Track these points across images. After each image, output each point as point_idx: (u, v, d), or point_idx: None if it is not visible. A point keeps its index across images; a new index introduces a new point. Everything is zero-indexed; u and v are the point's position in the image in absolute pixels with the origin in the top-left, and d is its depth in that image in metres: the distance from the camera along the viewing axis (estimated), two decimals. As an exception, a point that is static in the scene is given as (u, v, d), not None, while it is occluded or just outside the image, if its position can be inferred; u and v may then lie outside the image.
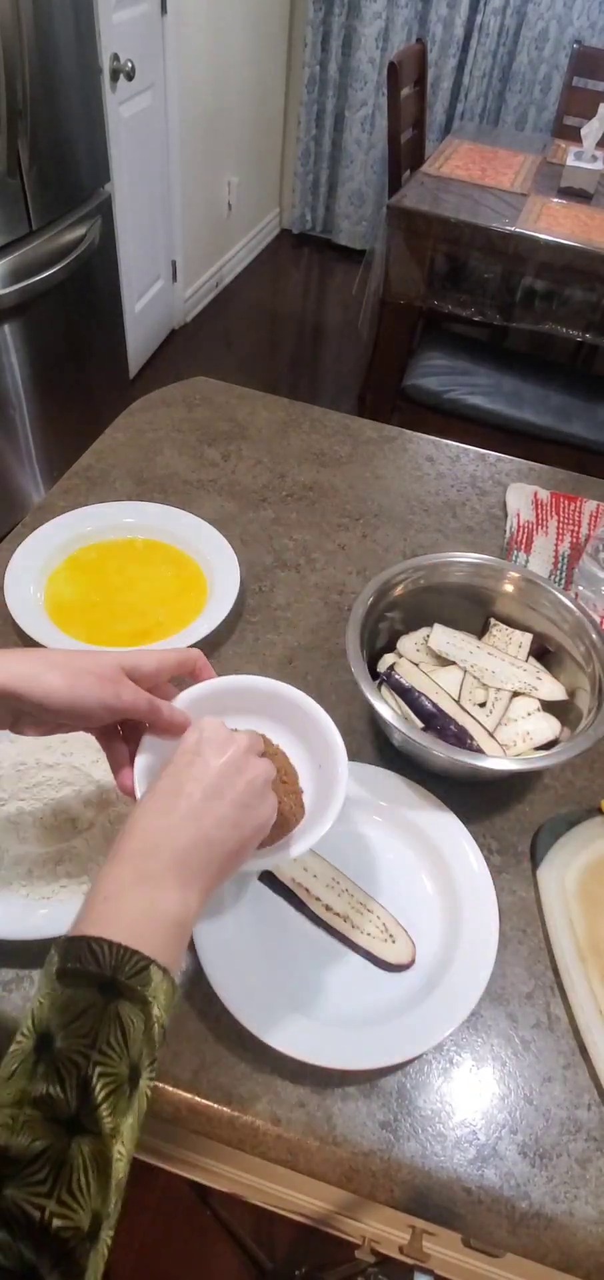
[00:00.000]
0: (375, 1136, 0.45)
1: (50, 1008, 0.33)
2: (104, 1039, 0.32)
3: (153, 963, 0.35)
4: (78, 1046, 0.32)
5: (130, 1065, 0.33)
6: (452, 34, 3.06)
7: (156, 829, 0.40)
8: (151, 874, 0.38)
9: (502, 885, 0.57)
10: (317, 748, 0.51)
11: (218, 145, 2.90)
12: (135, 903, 0.37)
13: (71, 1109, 0.31)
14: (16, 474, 1.83)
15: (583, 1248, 0.43)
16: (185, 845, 0.39)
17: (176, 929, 0.38)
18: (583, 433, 1.72)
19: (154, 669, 0.47)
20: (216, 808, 0.41)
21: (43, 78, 1.53)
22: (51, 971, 0.35)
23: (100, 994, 0.33)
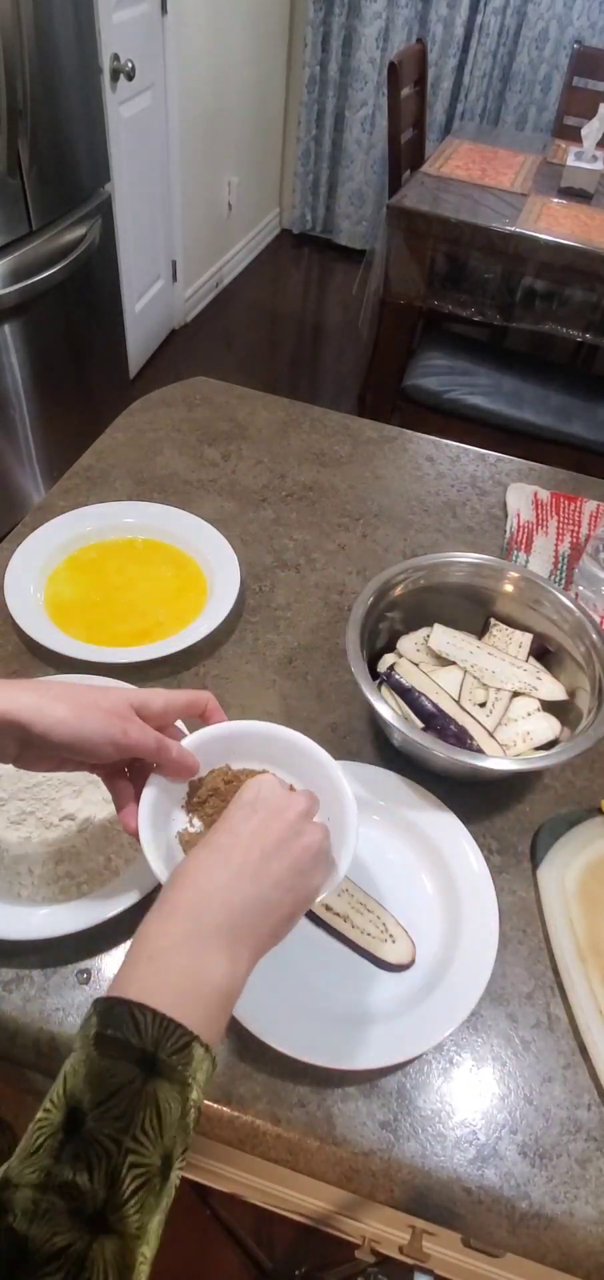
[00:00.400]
0: (375, 1136, 0.45)
1: (85, 1079, 0.31)
2: (138, 1124, 0.30)
3: (196, 1039, 0.33)
4: (110, 1130, 0.30)
5: (163, 1155, 0.31)
6: (452, 34, 3.06)
7: (211, 882, 0.38)
8: (202, 933, 0.36)
9: (502, 885, 0.57)
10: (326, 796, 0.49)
11: (218, 145, 2.90)
12: (183, 966, 0.35)
13: (98, 1203, 0.29)
14: (16, 474, 1.83)
15: (583, 1248, 0.43)
16: (240, 904, 0.38)
17: (222, 999, 0.36)
18: (583, 433, 1.72)
19: (162, 707, 0.46)
20: (274, 869, 0.39)
21: (43, 78, 1.53)
22: (89, 1035, 0.33)
23: (139, 1070, 0.31)
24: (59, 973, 0.50)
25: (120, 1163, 0.29)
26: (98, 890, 0.52)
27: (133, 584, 0.76)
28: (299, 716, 0.67)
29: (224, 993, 0.36)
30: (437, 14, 3.05)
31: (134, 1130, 0.30)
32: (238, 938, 0.37)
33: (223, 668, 0.70)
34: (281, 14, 3.21)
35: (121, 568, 0.77)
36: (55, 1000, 0.48)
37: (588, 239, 1.68)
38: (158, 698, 0.46)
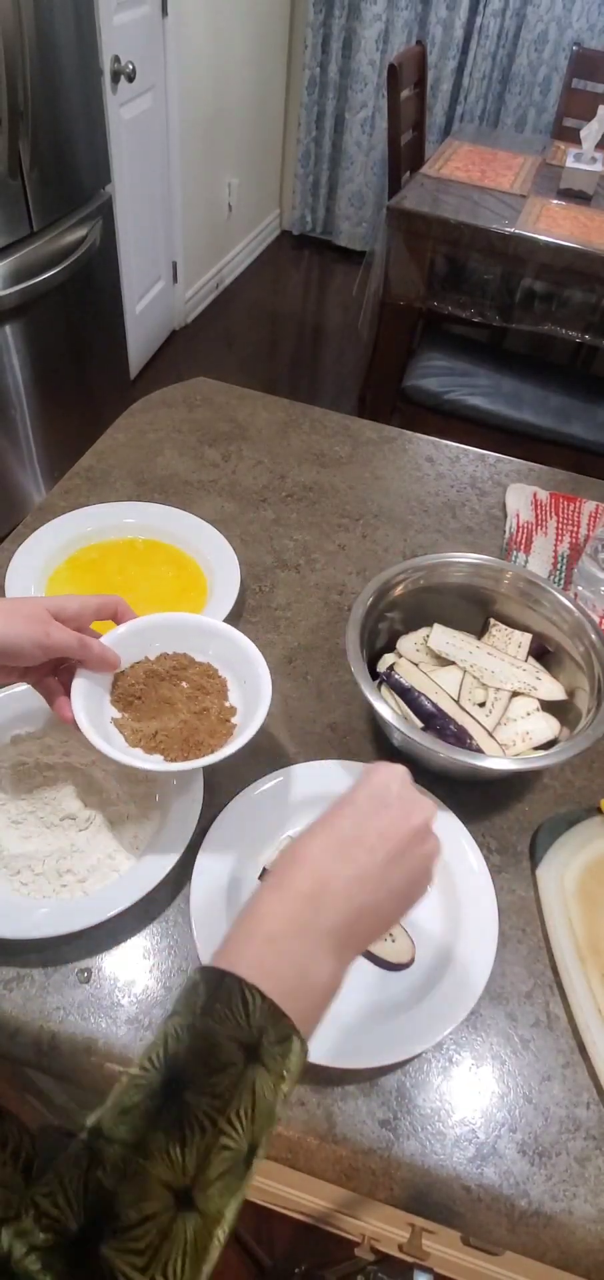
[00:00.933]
0: (375, 1135, 0.45)
1: (188, 1048, 0.31)
2: (235, 1108, 0.30)
3: (296, 1034, 0.33)
4: (208, 1108, 0.30)
5: (250, 1143, 0.31)
6: (451, 36, 3.07)
7: (332, 875, 0.37)
8: (318, 929, 0.36)
9: (501, 884, 0.57)
10: (239, 666, 0.57)
11: (218, 147, 2.90)
12: (296, 957, 0.35)
13: (187, 1179, 0.29)
14: (17, 474, 1.83)
15: (582, 1246, 0.43)
16: (357, 910, 0.37)
17: (323, 1001, 0.36)
18: (582, 433, 1.72)
19: (77, 610, 0.51)
20: (393, 876, 0.38)
21: (44, 79, 1.53)
22: (197, 1005, 0.33)
23: (242, 1053, 0.31)
24: (60, 971, 0.50)
25: (213, 1143, 0.30)
26: (98, 889, 0.52)
27: (133, 584, 0.76)
28: (299, 716, 0.67)
29: (326, 995, 0.36)
30: (436, 16, 3.06)
31: (230, 1113, 0.30)
32: (347, 943, 0.37)
33: (223, 668, 0.70)
34: (282, 16, 3.22)
35: (122, 568, 0.78)
36: (56, 999, 0.49)
37: (587, 240, 1.69)
38: (72, 602, 0.50)
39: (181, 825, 0.55)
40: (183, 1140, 0.29)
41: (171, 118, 2.48)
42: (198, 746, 0.52)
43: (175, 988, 0.50)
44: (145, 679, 0.56)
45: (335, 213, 3.67)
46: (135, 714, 0.54)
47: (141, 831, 0.55)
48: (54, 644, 0.48)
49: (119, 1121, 0.30)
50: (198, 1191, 0.29)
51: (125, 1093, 0.31)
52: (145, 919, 0.52)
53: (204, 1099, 0.30)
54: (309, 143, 3.51)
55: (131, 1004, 0.49)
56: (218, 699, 0.56)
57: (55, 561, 0.77)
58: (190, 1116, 0.30)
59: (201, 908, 0.51)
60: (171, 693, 0.56)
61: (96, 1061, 0.47)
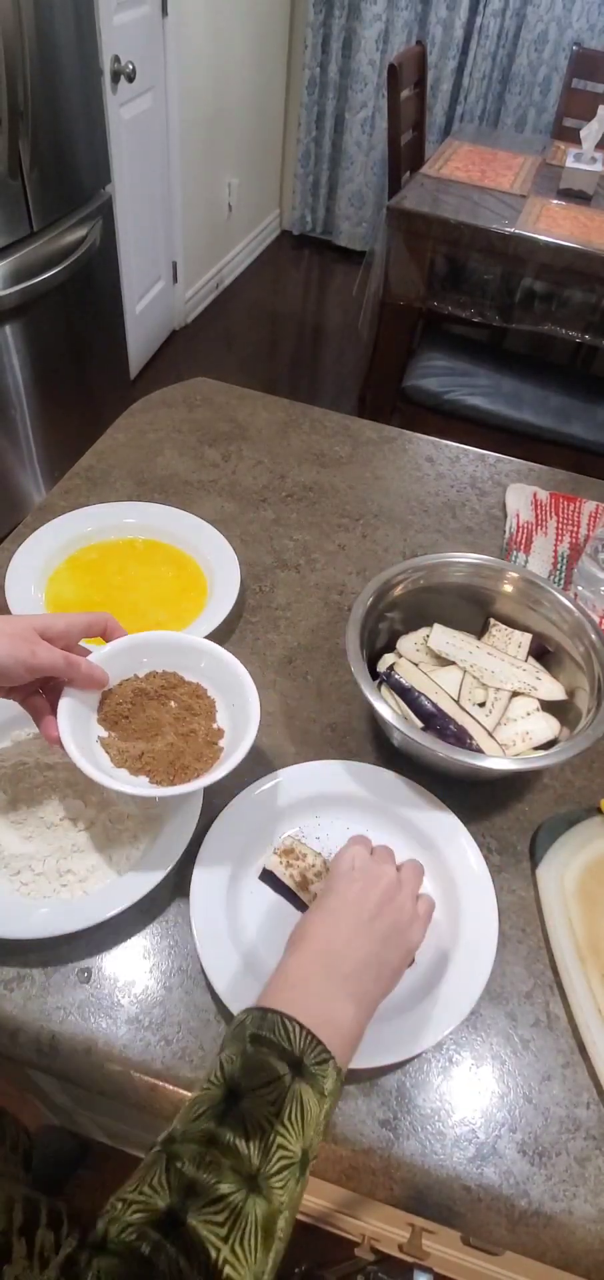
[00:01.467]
0: (375, 1135, 0.45)
1: (241, 1068, 0.36)
2: (287, 1113, 0.35)
3: (333, 1059, 0.38)
4: (264, 1112, 0.35)
5: (303, 1148, 0.35)
6: (451, 36, 3.07)
7: (336, 938, 0.44)
8: (335, 974, 0.41)
9: (501, 884, 0.57)
10: (228, 687, 0.57)
11: (218, 147, 2.90)
12: (321, 996, 0.40)
13: (253, 1167, 0.33)
14: (17, 474, 1.83)
15: (582, 1246, 0.43)
16: (363, 958, 0.43)
17: (349, 1040, 0.40)
18: (582, 433, 1.72)
19: (64, 629, 0.50)
20: (379, 928, 0.45)
21: (44, 79, 1.53)
22: (245, 1035, 0.37)
23: (289, 1069, 0.36)
24: (60, 971, 0.50)
25: (272, 1140, 0.34)
26: (98, 889, 0.52)
27: (133, 584, 0.76)
28: (299, 716, 0.67)
29: (351, 1037, 0.41)
30: (436, 16, 3.06)
31: (283, 1117, 0.35)
32: (362, 987, 0.42)
33: (223, 668, 0.70)
34: (282, 16, 3.22)
35: (122, 568, 0.78)
36: (56, 999, 0.49)
37: (587, 240, 1.69)
38: (59, 620, 0.50)
39: (182, 825, 0.55)
40: (247, 1135, 0.34)
41: (171, 118, 2.48)
42: (184, 770, 0.51)
43: (176, 987, 0.50)
44: (133, 698, 0.55)
45: (335, 213, 3.67)
46: (122, 733, 0.53)
47: (142, 832, 0.55)
48: (40, 663, 0.47)
49: (189, 1128, 0.34)
50: (263, 1180, 0.33)
51: (191, 1108, 0.35)
52: (145, 919, 0.52)
53: (260, 1105, 0.35)
54: (309, 143, 3.51)
55: (132, 1004, 0.49)
56: (206, 720, 0.55)
57: (55, 561, 0.77)
58: (251, 1118, 0.34)
59: (202, 907, 0.51)
60: (159, 712, 0.54)
61: (96, 1061, 0.47)
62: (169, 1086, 0.46)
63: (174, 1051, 0.47)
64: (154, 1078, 0.46)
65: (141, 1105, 0.47)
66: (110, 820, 0.56)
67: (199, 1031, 0.48)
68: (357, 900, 0.46)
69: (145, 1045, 0.47)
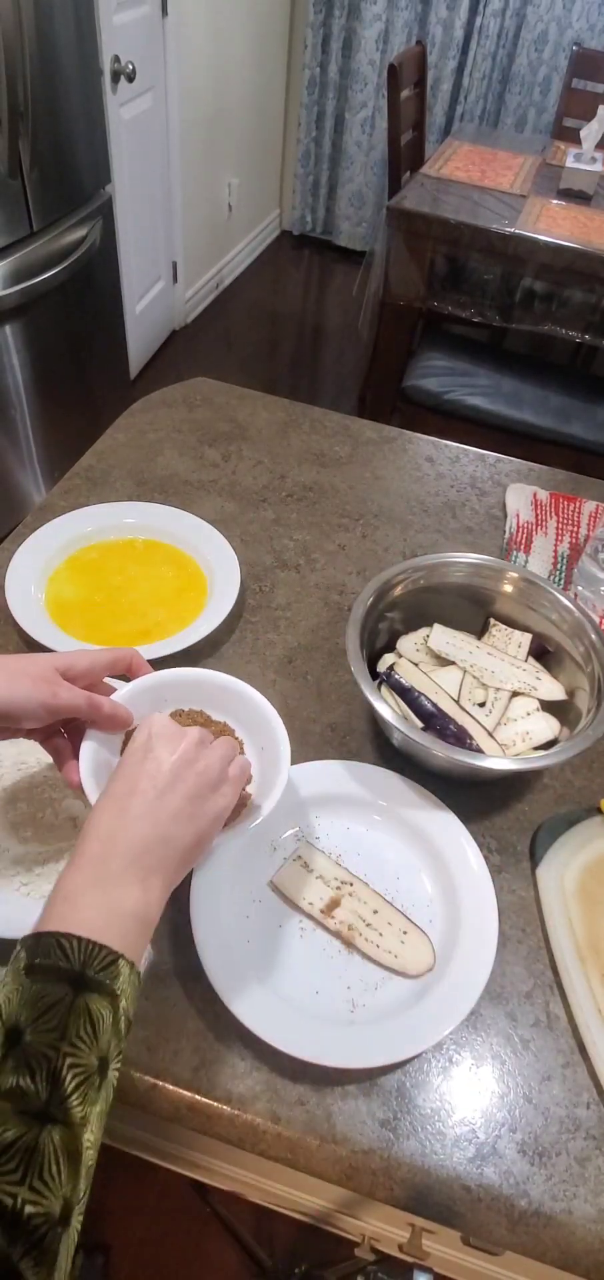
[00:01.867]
0: (375, 1135, 0.45)
1: (19, 1003, 0.34)
2: (74, 1032, 0.33)
3: (121, 957, 0.36)
4: (47, 1040, 0.33)
5: (99, 1056, 0.34)
6: (451, 36, 3.07)
7: (113, 829, 0.41)
8: (110, 875, 0.39)
9: (501, 884, 0.57)
10: (257, 729, 0.54)
11: (218, 147, 2.90)
12: (97, 901, 0.38)
13: (42, 1100, 0.31)
14: (17, 474, 1.83)
15: (582, 1246, 0.43)
16: (141, 843, 0.40)
17: (138, 924, 0.39)
18: (582, 433, 1.72)
19: (87, 667, 0.49)
20: (170, 802, 0.42)
21: (44, 79, 1.53)
22: (20, 967, 0.35)
23: (70, 988, 0.34)
24: (60, 971, 0.50)
25: (59, 1065, 0.32)
26: (98, 889, 0.52)
27: (133, 584, 0.76)
28: (299, 716, 0.67)
29: (139, 917, 0.39)
30: (436, 16, 3.06)
31: (70, 1037, 0.33)
32: (145, 873, 0.40)
33: (223, 667, 0.70)
34: (282, 16, 3.22)
35: (122, 568, 0.78)
36: (56, 999, 0.49)
37: (587, 240, 1.69)
38: (82, 658, 0.49)
39: (181, 825, 0.55)
40: (30, 1072, 0.32)
41: (171, 118, 2.48)
42: None
43: (176, 988, 0.50)
44: None
45: (335, 213, 3.68)
46: None
47: (141, 831, 0.55)
48: (62, 705, 0.46)
49: None
50: (55, 1107, 0.32)
51: None
52: (145, 919, 0.52)
53: (42, 1035, 0.33)
54: (309, 143, 3.51)
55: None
56: None
57: (55, 561, 0.77)
58: (33, 1052, 0.32)
59: (202, 908, 0.51)
60: None
61: (96, 1061, 0.47)
62: (169, 1086, 0.46)
63: (174, 1051, 0.47)
64: (154, 1077, 0.46)
65: (141, 1105, 0.47)
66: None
67: (199, 1031, 0.48)
68: (146, 776, 0.42)
69: (145, 1045, 0.47)
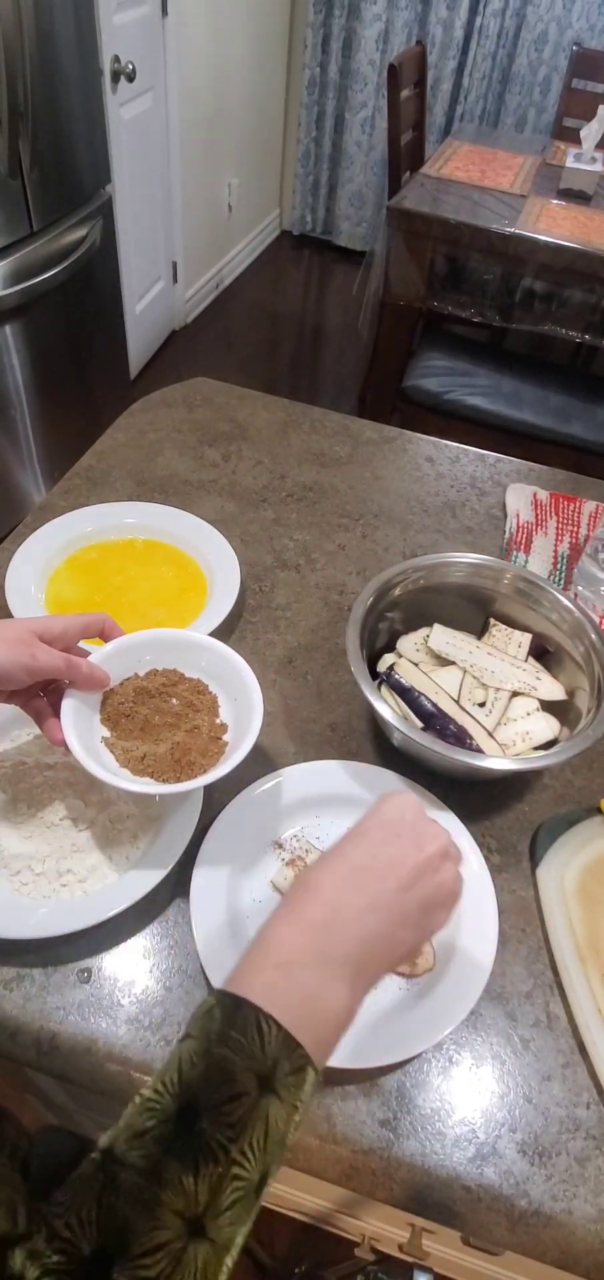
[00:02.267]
0: (375, 1135, 0.45)
1: (202, 1075, 0.31)
2: (246, 1140, 0.30)
3: (311, 1064, 0.33)
4: (221, 1138, 0.30)
5: (261, 1173, 0.31)
6: (451, 36, 3.07)
7: (342, 902, 0.37)
8: (330, 958, 0.36)
9: (501, 884, 0.57)
10: (229, 681, 0.57)
11: (218, 147, 2.90)
12: (308, 985, 0.35)
13: (198, 1209, 0.29)
14: (17, 474, 1.83)
15: (582, 1246, 0.43)
16: (370, 938, 0.37)
17: (337, 1030, 0.36)
18: (582, 433, 1.72)
19: (62, 630, 0.50)
20: (406, 904, 0.38)
21: (44, 79, 1.53)
22: (213, 1029, 0.33)
23: (256, 1085, 0.31)
24: (60, 971, 0.50)
25: (225, 1173, 0.30)
26: (98, 889, 0.52)
27: (133, 584, 0.76)
28: (299, 716, 0.67)
29: (340, 1024, 0.36)
30: (436, 16, 3.06)
31: (243, 1144, 0.30)
32: (361, 970, 0.37)
33: (223, 668, 0.70)
34: (282, 16, 3.22)
35: (122, 568, 0.78)
36: (56, 999, 0.49)
37: (587, 240, 1.69)
38: (57, 622, 0.50)
39: (182, 825, 0.55)
40: (196, 1170, 0.29)
41: (171, 118, 2.48)
42: (189, 766, 0.52)
43: (176, 987, 0.50)
44: (134, 697, 0.55)
45: (335, 213, 3.67)
46: (125, 733, 0.54)
47: (142, 831, 0.55)
48: (40, 666, 0.48)
49: (133, 1146, 0.30)
50: (209, 1220, 0.29)
51: (138, 1115, 0.31)
52: (145, 919, 0.52)
53: (218, 1129, 0.30)
54: (309, 143, 3.51)
55: (131, 1004, 0.49)
56: (209, 716, 0.55)
57: (55, 561, 0.77)
58: (204, 1146, 0.30)
59: (202, 907, 0.51)
60: (162, 710, 0.55)
61: (96, 1061, 0.47)
62: (169, 1086, 0.46)
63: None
64: (154, 1078, 0.46)
65: (141, 1105, 0.47)
66: (110, 820, 0.56)
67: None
68: (389, 863, 0.38)
69: (145, 1045, 0.47)
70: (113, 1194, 0.29)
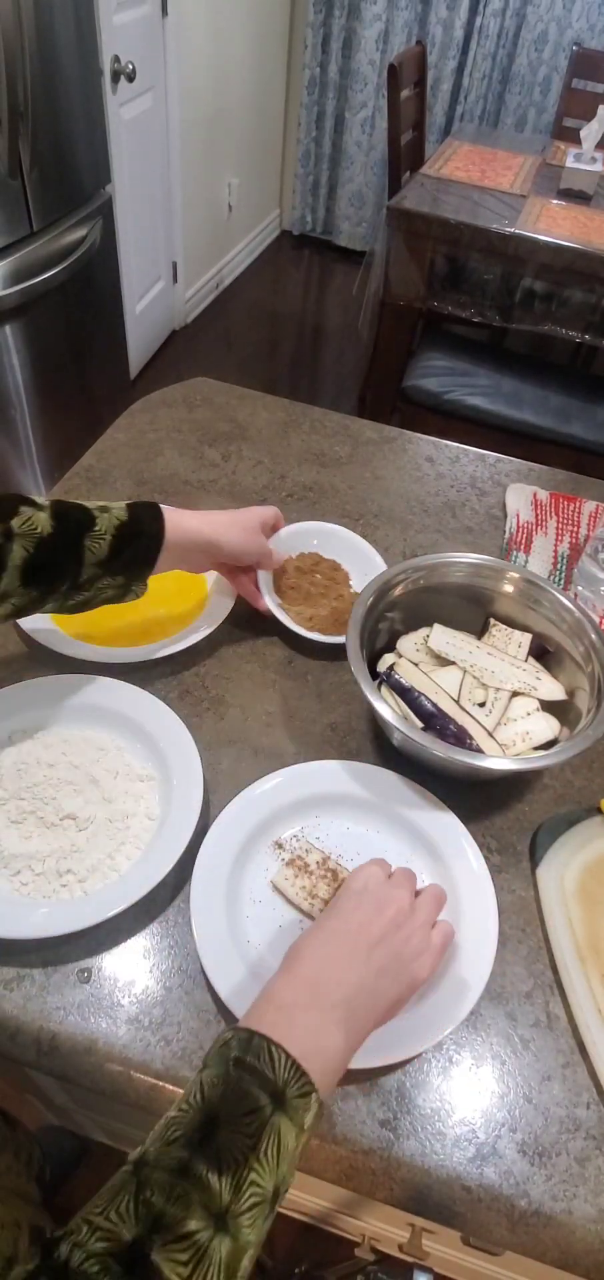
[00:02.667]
0: (375, 1135, 0.45)
1: (222, 1093, 0.35)
2: (263, 1148, 0.34)
3: (316, 1090, 0.37)
4: (241, 1145, 0.34)
5: (275, 1185, 0.34)
6: (451, 36, 3.07)
7: (329, 960, 0.42)
8: (323, 1004, 0.40)
9: (501, 884, 0.57)
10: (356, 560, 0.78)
11: (218, 147, 2.90)
12: (308, 1024, 0.39)
13: (223, 1205, 0.32)
14: (17, 474, 1.83)
15: (582, 1245, 0.43)
16: (355, 984, 0.41)
17: (335, 1070, 0.39)
18: (582, 433, 1.72)
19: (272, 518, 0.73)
20: (378, 958, 0.43)
21: (44, 79, 1.53)
22: (230, 1055, 0.37)
23: (270, 1100, 0.35)
24: (60, 971, 0.50)
25: (244, 1176, 0.33)
26: (98, 889, 0.52)
27: (133, 584, 0.76)
28: (299, 716, 0.67)
29: (338, 1062, 0.39)
30: (436, 16, 3.06)
31: (259, 1152, 0.34)
32: (352, 1015, 0.41)
33: (223, 667, 0.70)
34: (282, 16, 3.22)
35: (122, 568, 0.77)
36: (56, 999, 0.49)
37: (587, 240, 1.69)
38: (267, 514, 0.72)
39: (182, 825, 0.55)
40: (220, 1169, 0.33)
41: (172, 117, 2.48)
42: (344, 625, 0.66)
43: (176, 987, 0.50)
44: (295, 574, 0.74)
45: (335, 213, 3.67)
46: (293, 601, 0.72)
47: (142, 831, 0.56)
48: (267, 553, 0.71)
49: (163, 1153, 0.33)
50: (231, 1218, 0.32)
51: (165, 1129, 0.35)
52: (145, 919, 0.52)
53: (238, 1137, 0.34)
54: (309, 143, 3.51)
55: (132, 1004, 0.49)
56: (346, 586, 0.76)
57: (55, 561, 0.76)
58: (226, 1150, 0.33)
59: (202, 907, 0.51)
60: (315, 583, 0.74)
61: (96, 1061, 0.47)
62: (169, 1086, 0.46)
63: (174, 1051, 0.47)
64: (154, 1078, 0.46)
65: (141, 1105, 0.47)
66: (110, 820, 0.56)
67: (199, 1031, 0.48)
68: (359, 926, 0.44)
69: (145, 1045, 0.47)
70: (147, 1190, 0.32)
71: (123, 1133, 0.93)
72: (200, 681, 0.69)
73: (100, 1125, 0.95)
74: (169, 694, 0.67)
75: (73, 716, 0.62)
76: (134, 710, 0.62)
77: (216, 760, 0.62)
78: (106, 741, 0.61)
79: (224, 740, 0.64)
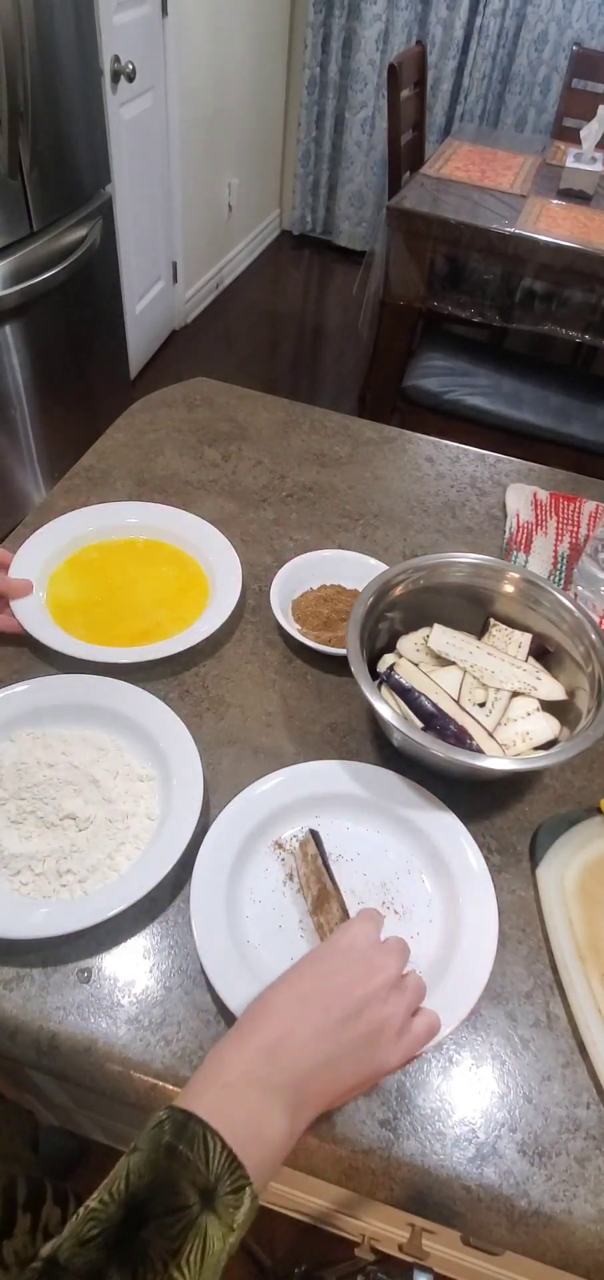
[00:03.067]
0: (375, 1135, 0.45)
1: (149, 1184, 0.33)
2: (186, 1253, 0.32)
3: (250, 1185, 0.35)
4: (161, 1250, 0.31)
5: None
6: (451, 36, 3.07)
7: (297, 1023, 0.40)
8: (274, 1081, 0.38)
9: (501, 884, 0.57)
10: None
11: (218, 147, 2.90)
12: (251, 1106, 0.37)
13: None
14: (17, 474, 1.83)
15: (582, 1246, 0.43)
16: (310, 1068, 0.39)
17: (275, 1157, 0.37)
18: (582, 433, 1.72)
19: None
20: (348, 1035, 0.40)
21: (44, 79, 1.53)
22: (163, 1141, 0.34)
23: (199, 1200, 0.33)
24: (60, 971, 0.50)
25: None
26: (98, 889, 0.52)
27: (134, 584, 0.76)
28: (299, 716, 0.67)
29: (278, 1151, 0.37)
30: (436, 16, 3.06)
31: (181, 1258, 0.32)
32: (301, 1099, 0.39)
33: (223, 667, 0.70)
34: (282, 16, 3.22)
35: (123, 568, 0.78)
36: (56, 999, 0.49)
37: (587, 240, 1.69)
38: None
39: (182, 825, 0.55)
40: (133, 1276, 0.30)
41: (172, 117, 2.48)
42: None
43: (176, 987, 0.50)
44: (315, 603, 0.76)
45: (335, 213, 3.68)
46: (312, 627, 0.73)
47: (142, 831, 0.56)
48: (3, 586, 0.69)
49: (76, 1253, 0.31)
50: None
51: (83, 1225, 0.32)
52: (145, 919, 0.52)
53: (159, 1240, 0.31)
54: (309, 143, 3.51)
55: (132, 1004, 0.49)
56: None
57: (55, 562, 0.77)
58: (144, 1257, 0.31)
59: (202, 907, 0.51)
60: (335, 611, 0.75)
61: (96, 1061, 0.47)
62: (169, 1086, 0.46)
63: (174, 1051, 0.47)
64: (154, 1078, 0.46)
65: (141, 1105, 0.47)
66: (110, 820, 0.56)
67: (199, 1031, 0.48)
68: (339, 989, 0.41)
69: (145, 1045, 0.47)
70: None
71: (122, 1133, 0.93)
72: (200, 681, 0.69)
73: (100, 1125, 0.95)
74: (169, 694, 0.67)
75: (73, 716, 0.62)
76: (134, 710, 0.62)
77: (216, 760, 0.62)
78: (106, 741, 0.61)
79: (224, 740, 0.64)
